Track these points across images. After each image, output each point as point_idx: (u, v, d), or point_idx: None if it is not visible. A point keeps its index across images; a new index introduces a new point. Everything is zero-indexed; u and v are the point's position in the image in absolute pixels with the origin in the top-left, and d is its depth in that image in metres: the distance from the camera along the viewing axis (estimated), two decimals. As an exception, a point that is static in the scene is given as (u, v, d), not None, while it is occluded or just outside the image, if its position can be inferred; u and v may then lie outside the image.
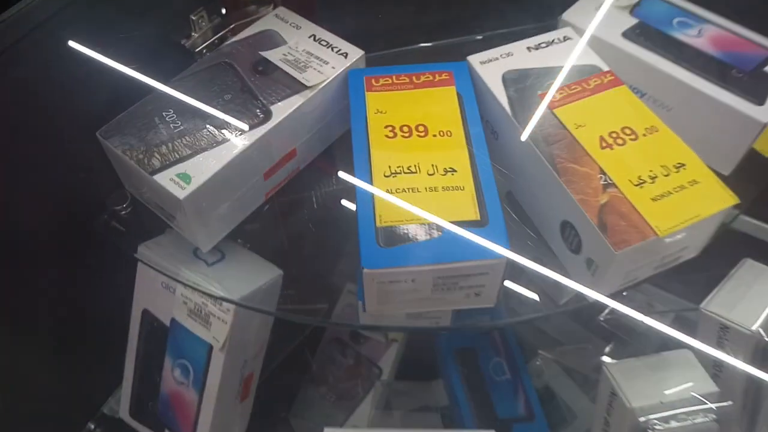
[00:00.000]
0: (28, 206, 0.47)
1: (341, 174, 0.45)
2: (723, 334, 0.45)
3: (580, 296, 0.43)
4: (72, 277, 0.52)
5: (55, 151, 0.45)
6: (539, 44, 0.50)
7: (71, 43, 0.45)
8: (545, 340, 0.68)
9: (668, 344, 0.60)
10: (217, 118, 0.44)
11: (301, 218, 0.57)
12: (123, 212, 0.48)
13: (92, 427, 0.58)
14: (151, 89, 0.45)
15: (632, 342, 0.63)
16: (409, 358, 0.70)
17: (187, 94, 0.45)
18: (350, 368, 0.70)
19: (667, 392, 0.43)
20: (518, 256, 0.39)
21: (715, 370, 0.47)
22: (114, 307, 0.52)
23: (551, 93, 0.45)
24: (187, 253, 0.47)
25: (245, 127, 0.44)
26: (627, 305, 0.44)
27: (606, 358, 0.52)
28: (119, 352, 0.53)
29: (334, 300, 0.64)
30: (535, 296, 0.46)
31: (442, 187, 0.41)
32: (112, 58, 0.45)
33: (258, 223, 0.54)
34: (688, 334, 0.45)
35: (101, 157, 0.45)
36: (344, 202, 0.51)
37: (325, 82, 0.47)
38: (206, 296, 0.45)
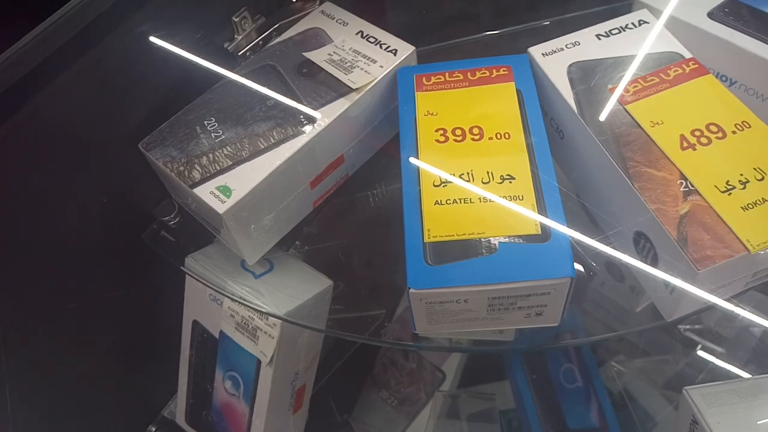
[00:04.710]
0: (82, 216, 0.46)
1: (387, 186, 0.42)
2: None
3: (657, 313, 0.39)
4: (131, 283, 0.52)
5: (104, 161, 0.45)
6: (610, 30, 0.45)
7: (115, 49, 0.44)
8: (621, 343, 0.63)
9: (760, 358, 0.55)
10: (259, 126, 0.42)
11: (359, 218, 0.55)
12: (171, 222, 0.47)
13: (153, 429, 0.58)
14: (193, 97, 0.44)
15: (720, 351, 0.58)
16: (474, 362, 0.67)
17: (228, 101, 0.44)
18: (412, 372, 0.68)
19: (760, 422, 0.38)
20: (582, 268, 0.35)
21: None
22: (173, 313, 0.52)
23: (623, 86, 0.41)
24: (235, 265, 0.46)
25: (288, 134, 0.41)
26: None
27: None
28: (178, 356, 0.53)
29: (393, 305, 0.61)
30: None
31: (499, 197, 0.37)
32: (153, 68, 0.44)
33: (314, 226, 0.53)
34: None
35: (148, 167, 0.44)
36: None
37: (372, 84, 0.44)
38: (253, 310, 0.44)
